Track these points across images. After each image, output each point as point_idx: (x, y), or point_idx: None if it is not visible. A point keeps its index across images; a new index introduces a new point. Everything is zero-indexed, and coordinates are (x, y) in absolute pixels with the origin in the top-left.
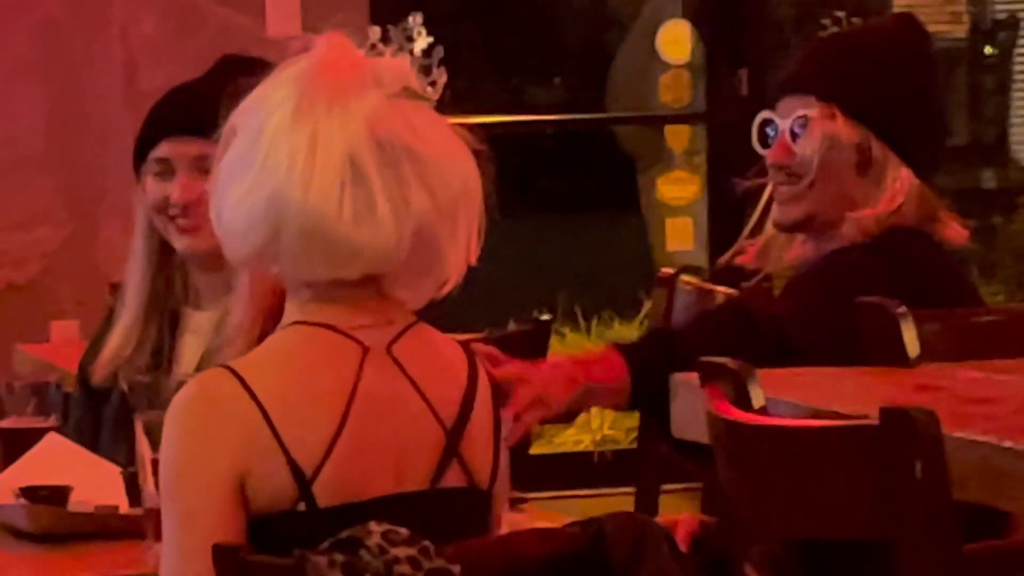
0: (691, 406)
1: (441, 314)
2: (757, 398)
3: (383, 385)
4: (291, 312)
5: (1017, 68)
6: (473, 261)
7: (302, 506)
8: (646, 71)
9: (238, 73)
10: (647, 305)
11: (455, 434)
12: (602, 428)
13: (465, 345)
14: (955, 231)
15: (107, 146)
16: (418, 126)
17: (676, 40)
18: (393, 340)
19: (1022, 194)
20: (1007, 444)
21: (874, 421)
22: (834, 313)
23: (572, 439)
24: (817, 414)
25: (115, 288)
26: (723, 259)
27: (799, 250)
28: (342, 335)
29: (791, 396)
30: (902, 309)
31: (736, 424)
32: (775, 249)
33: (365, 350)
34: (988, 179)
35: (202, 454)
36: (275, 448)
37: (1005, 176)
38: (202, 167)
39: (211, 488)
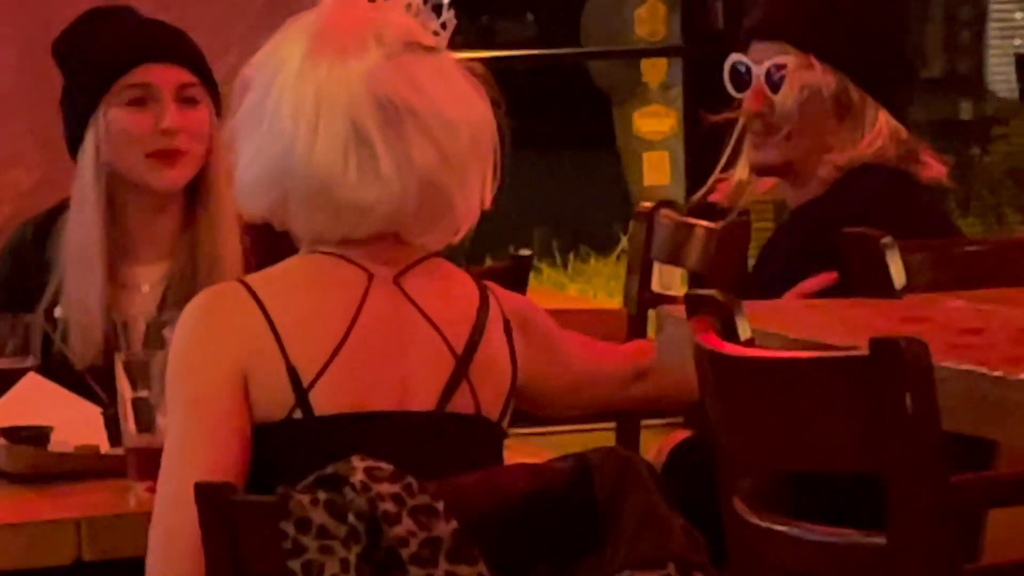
0: (677, 338)
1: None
2: (744, 330)
3: (389, 309)
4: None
5: None
6: (488, 205)
7: (298, 414)
8: (620, 5)
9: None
10: (624, 240)
11: (465, 358)
12: None
13: (478, 279)
14: (935, 169)
15: None
16: (422, 82)
17: None
18: (400, 273)
19: (998, 125)
20: (997, 374)
21: (863, 352)
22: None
23: None
24: (805, 346)
25: None
26: (696, 197)
27: (771, 183)
28: (350, 263)
29: (778, 328)
30: (887, 239)
31: (723, 356)
32: (747, 185)
33: (371, 276)
34: (964, 110)
35: (207, 346)
36: (276, 352)
37: (981, 107)
38: (184, 96)
39: (216, 377)
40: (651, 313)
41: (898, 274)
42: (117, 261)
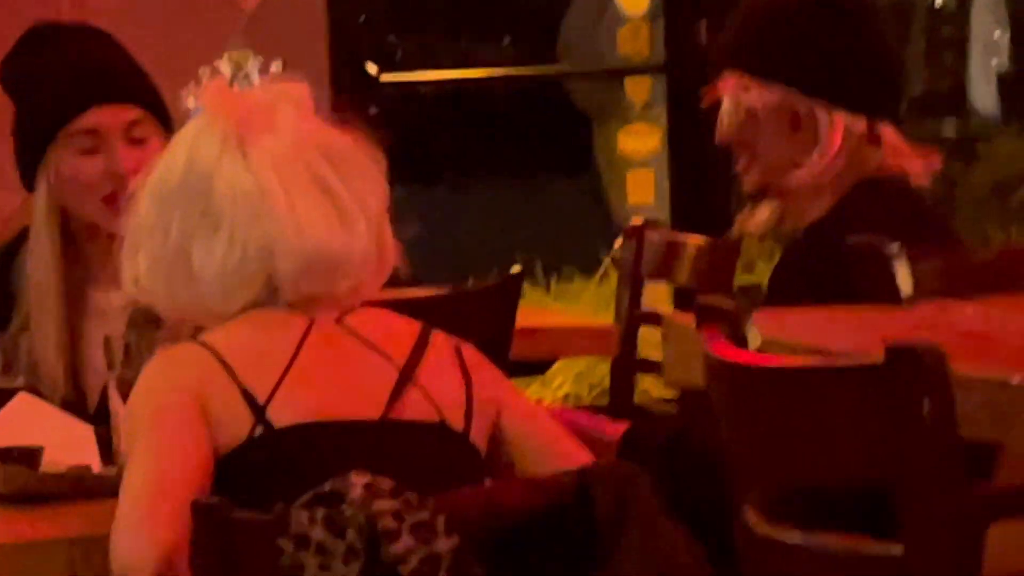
0: (684, 349)
1: (399, 276)
2: (754, 339)
3: (330, 338)
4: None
5: (974, 17)
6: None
7: (260, 431)
8: (599, 24)
9: (97, 41)
10: (607, 261)
11: (408, 367)
12: (563, 386)
13: (422, 321)
14: (922, 163)
15: None
16: (335, 130)
17: None
18: (341, 316)
19: (981, 143)
20: (1016, 380)
21: (879, 359)
22: None
23: (534, 396)
24: (815, 354)
25: None
26: (733, 231)
27: (766, 214)
28: (292, 311)
29: (787, 337)
30: (894, 248)
31: (735, 365)
32: (755, 215)
33: (312, 320)
34: (947, 128)
35: (166, 379)
36: (226, 378)
37: (964, 125)
38: (133, 136)
39: (175, 397)
40: (641, 330)
41: (906, 283)
42: (80, 289)
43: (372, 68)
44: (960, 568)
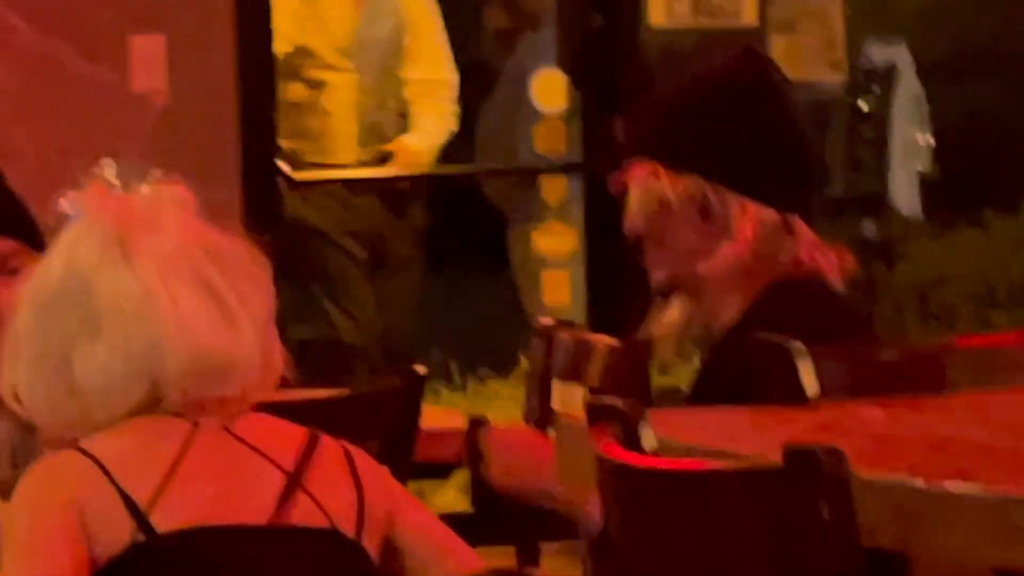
0: (577, 451)
1: (310, 371)
2: (648, 440)
3: (215, 443)
4: None
5: (896, 119)
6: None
7: (141, 537)
8: (516, 122)
9: None
10: (524, 362)
11: (296, 472)
12: None
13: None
14: (835, 260)
15: None
16: (215, 230)
17: (550, 89)
18: (226, 421)
19: (902, 244)
20: (919, 484)
21: (777, 462)
22: None
23: (450, 500)
24: (714, 456)
25: None
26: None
27: (676, 314)
28: (175, 417)
29: (685, 438)
30: (798, 346)
31: (627, 467)
32: (666, 317)
33: (196, 424)
34: (868, 229)
35: (42, 490)
36: (109, 489)
37: (885, 226)
38: (8, 268)
39: (51, 509)
40: (551, 431)
41: (810, 382)
42: None
43: (285, 166)
44: None
